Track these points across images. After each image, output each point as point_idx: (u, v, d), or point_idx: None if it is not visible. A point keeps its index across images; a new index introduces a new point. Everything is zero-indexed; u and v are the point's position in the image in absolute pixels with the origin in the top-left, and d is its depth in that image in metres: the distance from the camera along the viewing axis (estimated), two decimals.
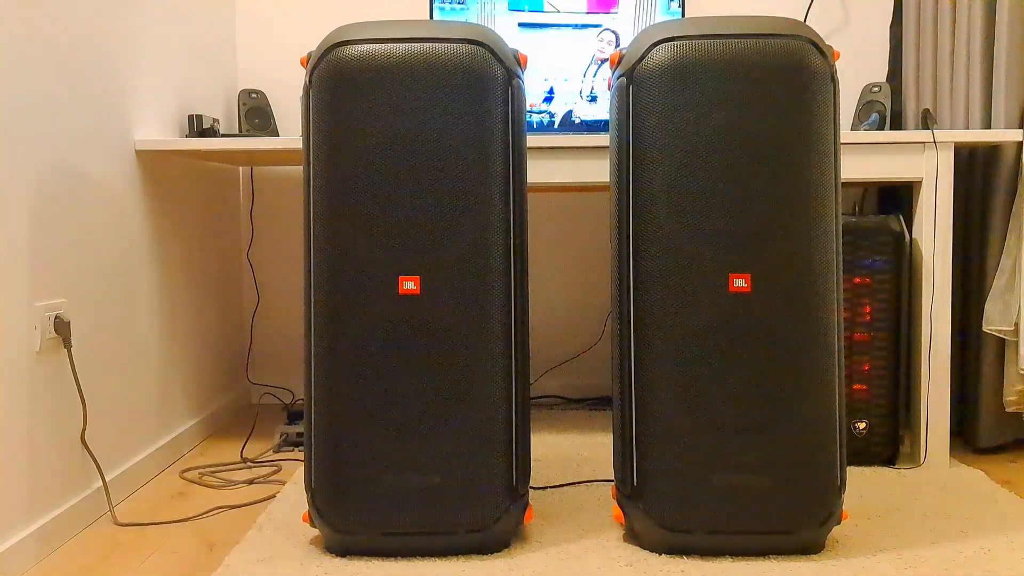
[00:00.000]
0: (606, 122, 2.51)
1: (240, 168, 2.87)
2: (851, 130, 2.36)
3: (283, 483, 2.02)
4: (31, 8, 1.64)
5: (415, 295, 1.55)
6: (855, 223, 2.09)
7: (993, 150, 2.21)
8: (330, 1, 2.82)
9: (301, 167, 2.50)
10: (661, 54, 1.54)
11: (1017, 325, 2.10)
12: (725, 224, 1.55)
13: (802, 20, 2.06)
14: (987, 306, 2.16)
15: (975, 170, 2.28)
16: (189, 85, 2.41)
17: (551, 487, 1.97)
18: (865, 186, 2.50)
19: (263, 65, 2.81)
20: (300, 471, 2.10)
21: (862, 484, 1.97)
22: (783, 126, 1.54)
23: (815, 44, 1.55)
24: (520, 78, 1.61)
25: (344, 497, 1.57)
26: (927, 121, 2.17)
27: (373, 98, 1.54)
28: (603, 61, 2.51)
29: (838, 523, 1.58)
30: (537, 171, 2.07)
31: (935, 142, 2.04)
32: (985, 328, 2.16)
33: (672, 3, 2.52)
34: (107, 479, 1.85)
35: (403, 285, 1.55)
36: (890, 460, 2.11)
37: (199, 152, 2.27)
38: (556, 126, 2.52)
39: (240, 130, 2.48)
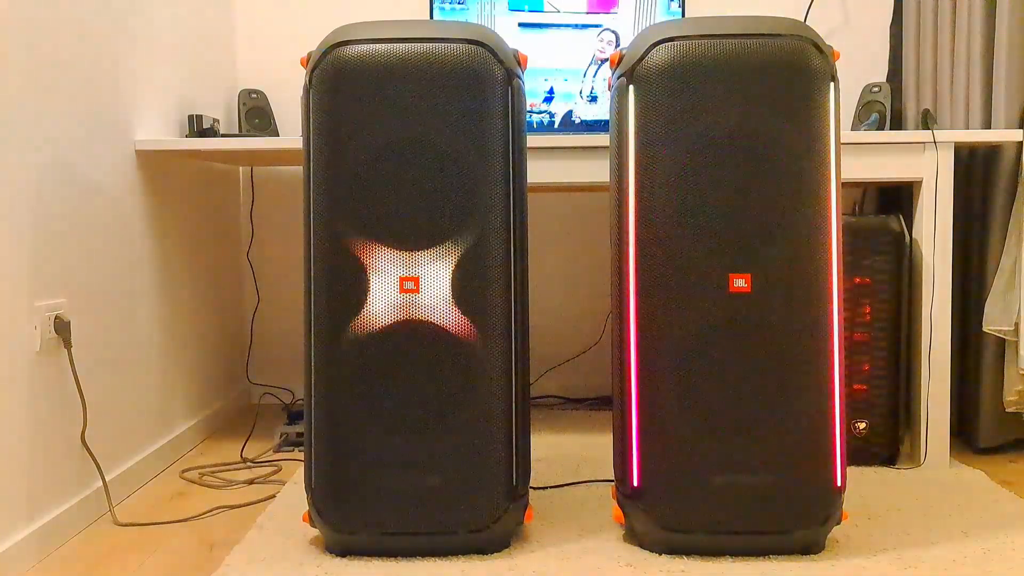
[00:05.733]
0: (606, 122, 2.51)
1: (240, 168, 2.87)
2: (851, 130, 2.37)
3: (283, 483, 2.02)
4: (31, 8, 1.64)
5: (415, 295, 1.55)
6: (855, 223, 2.08)
7: (993, 150, 2.21)
8: (330, 1, 2.81)
9: (301, 167, 2.50)
10: (661, 54, 1.54)
11: (1017, 325, 2.10)
12: (725, 224, 1.55)
13: (802, 20, 2.06)
14: (987, 306, 2.15)
15: (975, 170, 2.28)
16: (189, 85, 2.41)
17: (551, 487, 1.97)
18: (865, 186, 2.50)
19: (263, 65, 2.81)
20: (300, 471, 2.10)
21: (862, 484, 1.97)
22: (783, 126, 1.54)
23: (815, 44, 1.55)
24: (520, 78, 1.61)
25: (344, 497, 1.57)
26: (927, 121, 2.17)
27: (373, 98, 1.54)
28: (603, 61, 2.51)
29: (838, 523, 1.58)
30: (537, 171, 2.07)
31: (935, 142, 2.04)
32: (985, 328, 2.16)
33: (672, 3, 2.52)
34: (107, 479, 1.84)
35: (403, 285, 1.55)
36: (890, 460, 2.11)
37: (199, 152, 2.27)
38: (556, 126, 2.52)
39: (240, 130, 2.48)
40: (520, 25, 2.52)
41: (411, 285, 1.55)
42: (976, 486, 1.95)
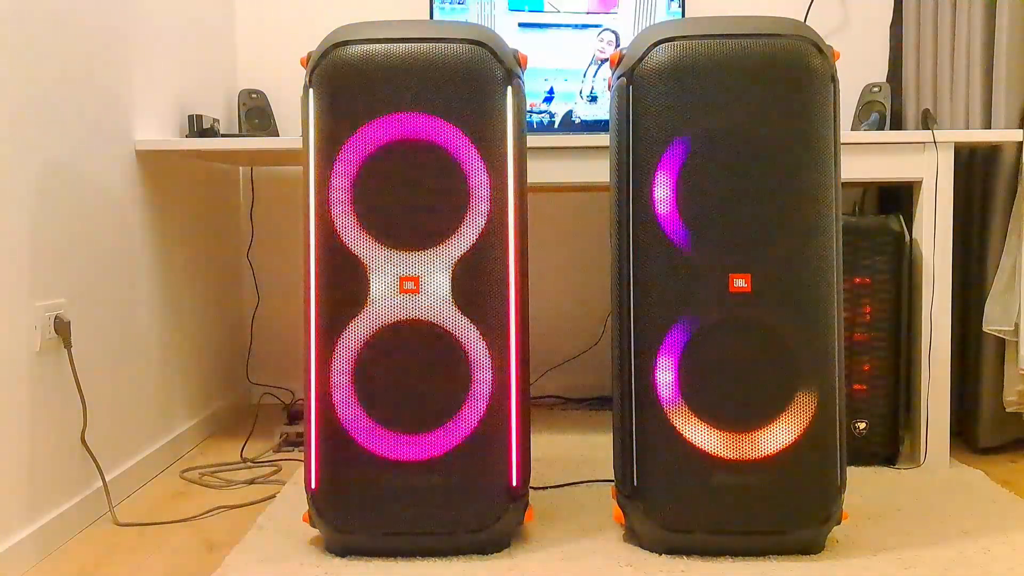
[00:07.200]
0: (606, 122, 2.51)
1: (240, 168, 2.87)
2: (851, 130, 2.36)
3: (283, 483, 2.02)
4: (31, 8, 1.64)
5: (415, 295, 1.55)
6: (855, 223, 2.08)
7: (993, 150, 2.21)
8: (330, 1, 2.81)
9: (301, 167, 2.50)
10: (661, 54, 1.54)
11: (1017, 325, 2.10)
12: (725, 224, 1.55)
13: (802, 20, 2.06)
14: (987, 306, 2.15)
15: (975, 170, 2.28)
16: (189, 85, 2.41)
17: (551, 487, 1.97)
18: (865, 186, 2.50)
19: (263, 65, 2.81)
20: (300, 471, 2.10)
21: (862, 484, 1.97)
22: (783, 126, 1.54)
23: (815, 44, 1.55)
24: (520, 78, 1.61)
25: (344, 497, 1.57)
26: (927, 121, 2.17)
27: (373, 98, 1.54)
28: (603, 61, 2.51)
29: (838, 523, 1.58)
30: (537, 171, 2.07)
31: (935, 142, 2.04)
32: (985, 328, 2.15)
33: (672, 3, 2.52)
34: (107, 479, 1.84)
35: (403, 285, 1.55)
36: (890, 460, 2.11)
37: (199, 152, 2.27)
38: (556, 126, 2.52)
39: (240, 130, 2.48)
40: (520, 25, 2.52)
41: (411, 285, 1.56)
42: (976, 486, 1.95)
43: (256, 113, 2.48)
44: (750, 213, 1.54)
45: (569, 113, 2.52)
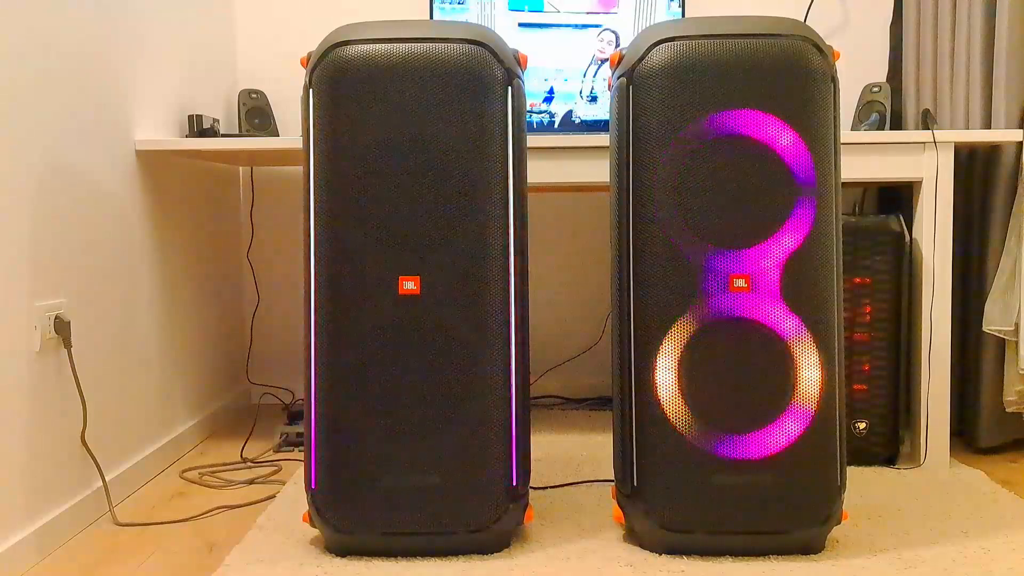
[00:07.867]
0: (606, 122, 2.51)
1: (240, 168, 2.87)
2: (851, 130, 2.36)
3: (283, 483, 2.02)
4: (31, 8, 1.64)
5: (415, 295, 1.55)
6: (855, 223, 2.08)
7: (993, 150, 2.21)
8: (330, 1, 2.81)
9: (301, 167, 2.50)
10: (661, 54, 1.54)
11: (1017, 325, 2.10)
12: (725, 224, 1.55)
13: (802, 20, 2.06)
14: (987, 306, 2.15)
15: (975, 170, 2.28)
16: (189, 85, 2.41)
17: (551, 487, 1.97)
18: (865, 186, 2.50)
19: (263, 65, 2.81)
20: (300, 471, 2.10)
21: (862, 484, 1.97)
22: (783, 126, 1.54)
23: (815, 44, 1.55)
24: (520, 78, 1.61)
25: (344, 497, 1.57)
26: (927, 121, 2.17)
27: (373, 98, 1.54)
28: (603, 61, 2.51)
29: (838, 523, 1.58)
30: (537, 171, 2.07)
31: (935, 142, 2.04)
32: (985, 328, 2.15)
33: (672, 3, 2.52)
34: (107, 479, 1.84)
35: (403, 285, 1.55)
36: (890, 460, 2.11)
37: (199, 152, 2.27)
38: (556, 126, 2.52)
39: (240, 130, 2.48)
40: (520, 25, 2.52)
41: (411, 285, 1.55)
42: (976, 486, 1.95)
43: (256, 113, 2.48)
44: (750, 212, 1.54)
45: (569, 113, 2.52)
